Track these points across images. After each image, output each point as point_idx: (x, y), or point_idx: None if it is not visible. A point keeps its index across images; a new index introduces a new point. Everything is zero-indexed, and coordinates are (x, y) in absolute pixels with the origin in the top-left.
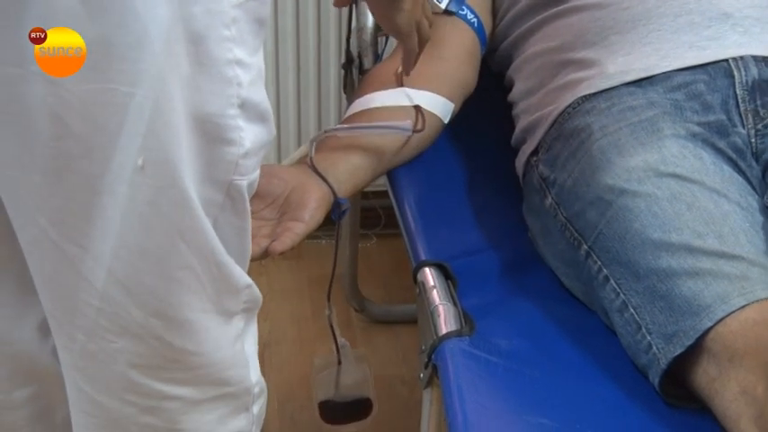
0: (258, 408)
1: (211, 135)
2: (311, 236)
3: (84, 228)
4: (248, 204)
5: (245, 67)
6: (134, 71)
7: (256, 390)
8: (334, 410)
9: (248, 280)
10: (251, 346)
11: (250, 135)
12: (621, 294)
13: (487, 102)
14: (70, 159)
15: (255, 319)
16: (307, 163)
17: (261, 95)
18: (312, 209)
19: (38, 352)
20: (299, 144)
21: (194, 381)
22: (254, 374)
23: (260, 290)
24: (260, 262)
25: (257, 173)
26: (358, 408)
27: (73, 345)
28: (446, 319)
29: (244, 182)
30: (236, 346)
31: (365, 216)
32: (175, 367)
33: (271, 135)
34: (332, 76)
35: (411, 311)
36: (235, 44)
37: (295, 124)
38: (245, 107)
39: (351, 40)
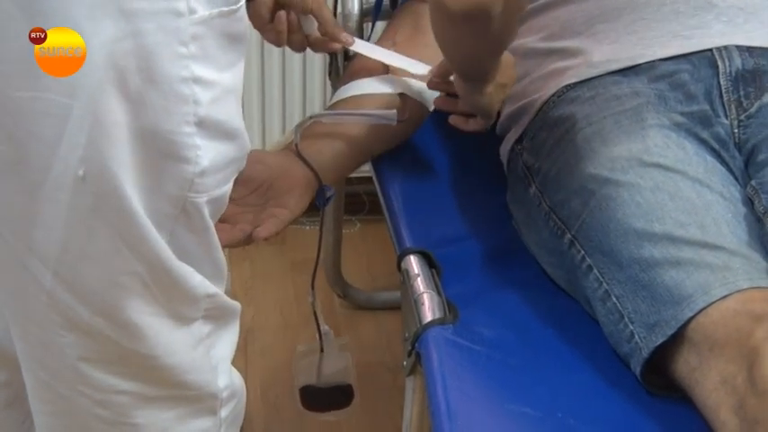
0: (228, 411)
1: (163, 151)
2: (295, 221)
3: (28, 230)
4: (208, 221)
5: (207, 85)
6: (72, 82)
7: (225, 394)
8: (314, 397)
9: (211, 289)
10: (222, 350)
11: (210, 153)
12: (604, 283)
13: None
14: (12, 164)
15: (231, 326)
16: (292, 149)
17: (227, 113)
18: (297, 195)
19: (7, 341)
20: (284, 130)
21: (147, 378)
22: (223, 379)
23: (243, 274)
24: (243, 247)
25: (225, 188)
26: (339, 395)
27: (27, 335)
28: (430, 308)
29: (201, 199)
30: (198, 350)
31: (349, 202)
32: (126, 364)
33: (242, 151)
34: (317, 62)
35: (394, 298)
36: (194, 61)
37: (280, 110)
38: (204, 125)
39: None
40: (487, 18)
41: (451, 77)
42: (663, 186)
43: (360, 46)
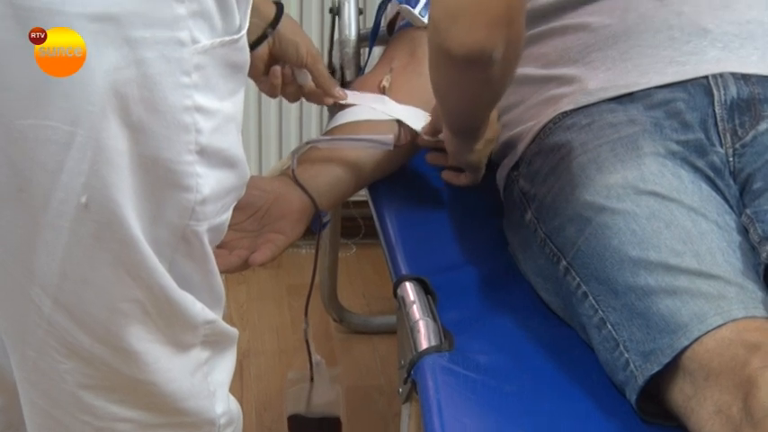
0: None
1: (165, 180)
2: (291, 245)
3: (29, 256)
4: (208, 249)
5: (208, 114)
6: (76, 110)
7: (222, 420)
8: (302, 426)
9: (210, 316)
10: (219, 376)
11: (210, 181)
12: (600, 311)
13: None
14: (12, 191)
15: (229, 352)
16: (288, 175)
17: (227, 141)
18: (293, 221)
19: (5, 366)
20: (281, 155)
21: (146, 406)
22: (221, 406)
23: (239, 298)
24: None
25: (225, 216)
26: (327, 427)
27: (25, 362)
28: (426, 335)
29: (201, 227)
30: (196, 377)
31: (345, 226)
32: (126, 391)
33: (241, 180)
34: None
35: (390, 322)
36: (196, 91)
37: (276, 135)
38: (205, 154)
39: (333, 52)
40: (489, 63)
41: (441, 135)
42: (658, 214)
43: (353, 98)
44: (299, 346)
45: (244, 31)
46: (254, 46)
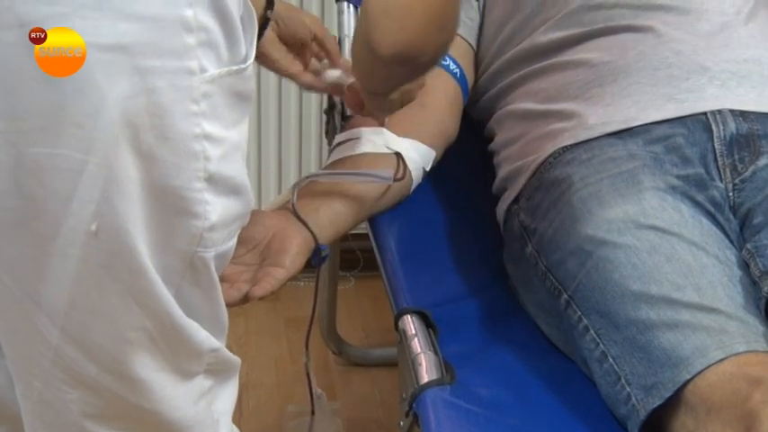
0: None
1: (174, 207)
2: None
3: (36, 285)
4: (215, 275)
5: (216, 142)
6: (88, 138)
7: None
8: None
9: (215, 344)
10: (222, 404)
11: (218, 208)
12: (601, 344)
13: (469, 149)
14: (24, 219)
15: (232, 380)
16: (289, 208)
17: (234, 169)
18: (293, 254)
19: (10, 396)
20: (280, 188)
21: None
22: None
23: (238, 331)
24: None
25: (231, 243)
26: None
27: (31, 392)
28: (427, 368)
29: (209, 254)
30: (200, 404)
31: (344, 258)
32: (131, 419)
33: (247, 207)
34: (313, 121)
35: (389, 355)
36: (204, 119)
37: (276, 169)
38: (213, 181)
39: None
40: (414, 64)
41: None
42: (659, 249)
43: (352, 132)
44: (298, 378)
45: (250, 61)
46: (259, 34)
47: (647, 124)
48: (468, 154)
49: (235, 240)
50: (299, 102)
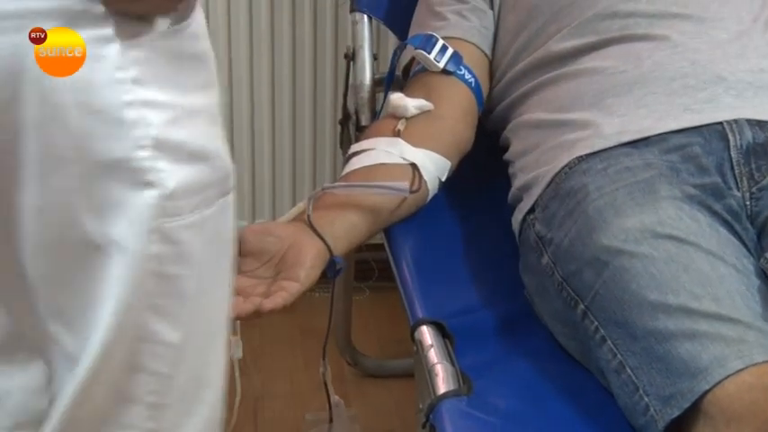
0: None
1: (123, 178)
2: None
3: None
4: (197, 247)
5: (159, 107)
6: (13, 121)
7: None
8: None
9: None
10: None
11: (176, 175)
12: (618, 355)
13: (484, 159)
14: None
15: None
16: (304, 220)
17: (189, 134)
18: (307, 268)
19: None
20: (294, 199)
21: None
22: None
23: (252, 342)
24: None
25: (207, 212)
26: None
27: None
28: (444, 379)
29: (178, 223)
30: None
31: (359, 269)
32: None
33: (219, 173)
34: (327, 132)
35: (404, 366)
36: (138, 85)
37: (290, 180)
38: (163, 147)
39: (348, 97)
40: None
41: None
42: (676, 258)
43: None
44: (314, 388)
45: (193, 19)
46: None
47: (663, 134)
48: (484, 163)
49: (216, 209)
50: (312, 112)
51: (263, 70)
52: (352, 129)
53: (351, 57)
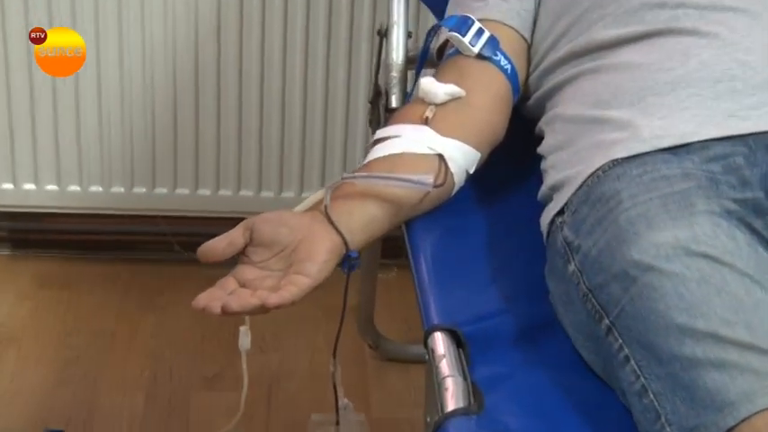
0: None
1: None
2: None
3: None
4: None
5: None
6: None
7: None
8: None
9: None
10: None
11: None
12: (642, 378)
13: (517, 151)
14: None
15: None
16: (321, 211)
17: None
18: (320, 262)
19: None
20: (323, 179)
21: None
22: None
23: (276, 318)
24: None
25: None
26: None
27: None
28: (453, 394)
29: None
30: None
31: (386, 246)
32: None
33: None
34: (360, 111)
35: None
36: None
37: (320, 157)
38: None
39: (379, 75)
40: None
41: None
42: (709, 279)
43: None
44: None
45: None
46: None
47: (704, 141)
48: (516, 156)
49: None
50: (346, 90)
51: (297, 44)
52: (381, 109)
53: (384, 34)
